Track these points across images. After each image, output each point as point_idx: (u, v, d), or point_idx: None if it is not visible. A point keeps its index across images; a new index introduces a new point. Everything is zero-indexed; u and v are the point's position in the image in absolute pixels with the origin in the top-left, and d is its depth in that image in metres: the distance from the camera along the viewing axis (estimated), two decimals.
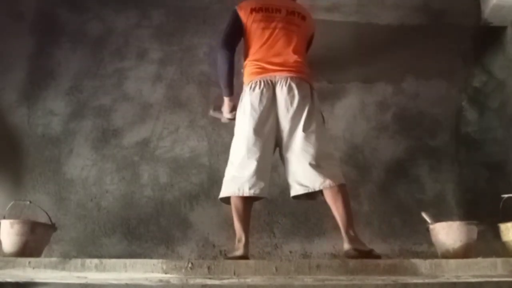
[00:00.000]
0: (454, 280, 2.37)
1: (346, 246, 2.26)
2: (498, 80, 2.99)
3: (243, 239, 2.30)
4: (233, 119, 2.60)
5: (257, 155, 2.34)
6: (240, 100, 2.49)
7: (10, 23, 3.15)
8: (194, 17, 3.14)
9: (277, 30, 2.49)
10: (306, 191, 2.34)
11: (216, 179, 2.83)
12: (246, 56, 2.55)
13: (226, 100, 2.62)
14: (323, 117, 2.50)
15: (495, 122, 2.93)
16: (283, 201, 2.75)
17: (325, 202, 2.71)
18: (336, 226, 2.69)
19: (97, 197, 2.83)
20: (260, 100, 2.38)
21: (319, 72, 2.82)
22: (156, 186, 2.84)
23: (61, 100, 3.01)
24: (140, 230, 2.77)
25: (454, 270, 2.10)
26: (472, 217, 2.39)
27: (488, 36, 3.06)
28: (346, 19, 3.12)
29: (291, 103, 2.37)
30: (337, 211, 2.31)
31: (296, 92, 2.38)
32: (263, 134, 2.37)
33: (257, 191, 2.33)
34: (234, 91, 2.56)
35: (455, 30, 3.08)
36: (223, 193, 2.41)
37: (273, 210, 2.77)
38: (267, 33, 2.49)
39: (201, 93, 3.00)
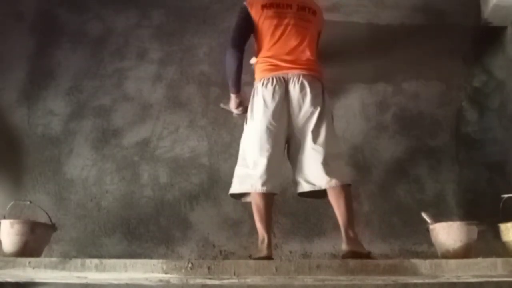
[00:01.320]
0: (454, 280, 2.37)
1: (344, 247, 2.27)
2: (498, 80, 2.99)
3: (266, 239, 2.29)
4: (241, 114, 2.63)
5: (269, 152, 2.34)
6: (251, 97, 2.48)
7: (10, 23, 3.15)
8: (194, 17, 3.14)
9: (289, 27, 2.48)
10: (312, 189, 2.35)
11: (216, 179, 2.84)
12: (258, 52, 2.54)
13: (233, 96, 2.60)
14: (332, 115, 2.50)
15: (495, 122, 2.92)
16: (283, 201, 2.75)
17: (326, 202, 2.72)
18: (336, 226, 2.69)
19: (97, 197, 2.83)
20: (273, 97, 2.38)
21: None
22: (156, 186, 2.84)
23: (61, 100, 3.01)
24: (140, 230, 2.77)
25: (454, 270, 2.10)
26: (472, 217, 2.39)
27: (488, 36, 3.06)
28: (346, 19, 3.11)
29: (303, 100, 2.38)
30: (338, 210, 2.32)
31: (308, 90, 2.39)
32: (275, 131, 2.37)
33: (269, 188, 2.33)
34: (241, 88, 2.56)
35: (455, 30, 3.07)
36: (235, 189, 2.40)
37: (273, 210, 2.76)
38: (280, 30, 2.49)
39: (201, 93, 3.00)
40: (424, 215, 2.39)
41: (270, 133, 2.36)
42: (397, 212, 2.75)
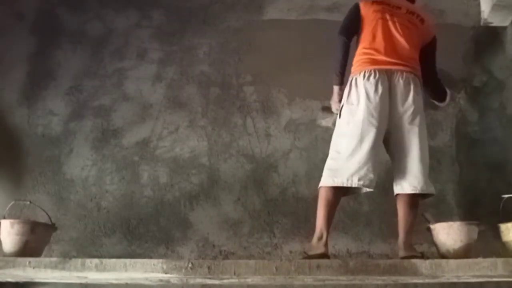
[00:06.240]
0: (454, 280, 2.37)
1: (402, 253, 2.30)
2: (498, 80, 2.99)
3: (324, 237, 2.28)
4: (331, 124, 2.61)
5: (368, 146, 2.30)
6: (348, 89, 2.43)
7: (10, 23, 3.15)
8: (194, 17, 3.14)
9: (396, 25, 2.48)
10: (414, 191, 2.33)
11: (216, 179, 2.84)
12: (359, 44, 2.52)
13: (336, 89, 2.53)
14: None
15: (495, 122, 2.92)
16: (283, 201, 2.75)
17: None
18: (335, 226, 2.69)
19: (97, 197, 2.83)
20: (376, 90, 2.35)
21: (319, 72, 2.81)
22: (156, 186, 2.84)
23: (61, 100, 3.01)
24: (140, 230, 2.77)
25: (454, 270, 2.11)
26: (472, 217, 2.40)
27: (488, 36, 3.05)
28: None
29: (406, 98, 2.37)
30: (406, 217, 2.33)
31: (412, 87, 2.38)
32: (375, 125, 2.33)
33: (367, 183, 2.29)
34: (344, 80, 2.51)
35: (455, 30, 3.07)
36: (327, 183, 2.32)
37: (273, 210, 2.77)
38: (385, 24, 2.48)
39: (201, 93, 3.00)
40: (424, 215, 2.39)
41: (371, 126, 2.32)
42: (397, 212, 2.74)
